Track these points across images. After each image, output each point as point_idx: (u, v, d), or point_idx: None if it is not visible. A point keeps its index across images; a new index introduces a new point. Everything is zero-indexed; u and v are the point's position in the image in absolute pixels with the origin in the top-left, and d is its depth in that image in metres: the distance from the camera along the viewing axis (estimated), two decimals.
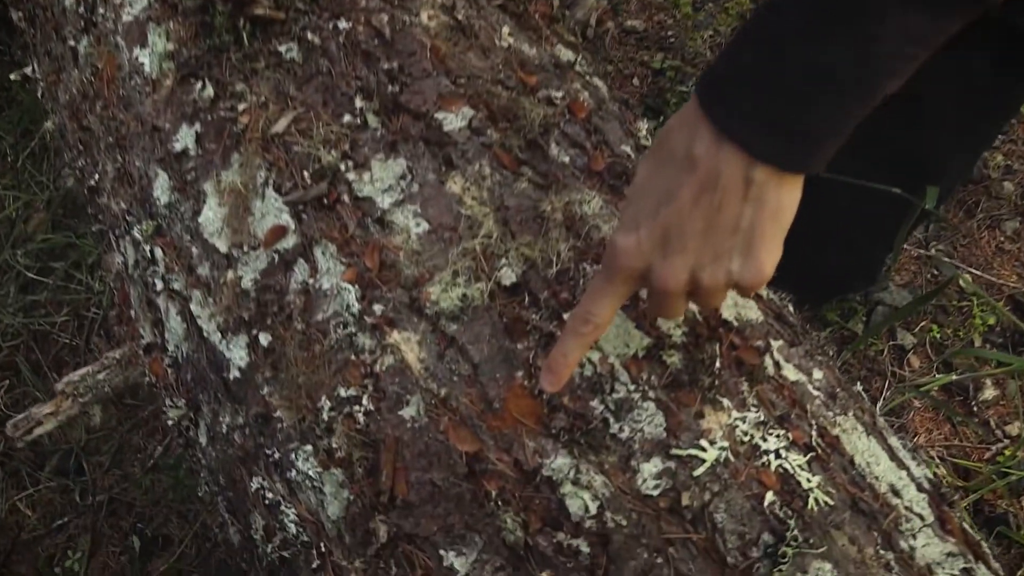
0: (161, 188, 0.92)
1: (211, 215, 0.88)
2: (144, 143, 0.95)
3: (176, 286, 0.91)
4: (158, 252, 0.93)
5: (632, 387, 0.75)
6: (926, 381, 1.51)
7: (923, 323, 1.57)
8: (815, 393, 0.82)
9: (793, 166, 0.55)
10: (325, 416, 0.78)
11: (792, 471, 0.74)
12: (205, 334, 0.88)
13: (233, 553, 1.24)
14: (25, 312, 1.80)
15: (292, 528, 0.81)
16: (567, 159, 0.88)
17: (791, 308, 0.92)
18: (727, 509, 0.72)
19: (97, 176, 1.04)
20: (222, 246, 0.87)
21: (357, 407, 0.77)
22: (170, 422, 0.94)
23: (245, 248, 0.86)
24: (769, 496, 0.72)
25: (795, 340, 0.86)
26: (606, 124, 0.94)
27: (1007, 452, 1.46)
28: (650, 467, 0.72)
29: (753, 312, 0.85)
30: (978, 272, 1.61)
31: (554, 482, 0.72)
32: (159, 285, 0.93)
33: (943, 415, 1.51)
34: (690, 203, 0.59)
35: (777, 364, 0.82)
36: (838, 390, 0.84)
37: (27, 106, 1.94)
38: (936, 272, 1.60)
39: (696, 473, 0.72)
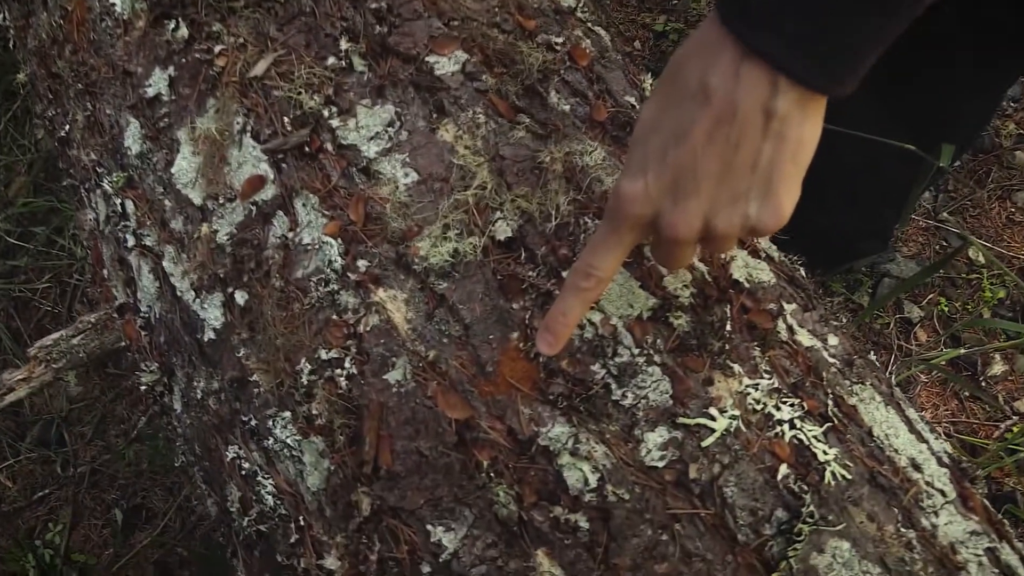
0: (132, 137, 0.85)
1: (185, 165, 0.81)
2: (115, 89, 0.88)
3: (148, 242, 0.84)
4: (129, 206, 0.86)
5: (636, 351, 0.68)
6: (933, 355, 1.45)
7: (931, 296, 1.51)
8: (831, 360, 0.76)
9: (824, 83, 0.49)
10: (305, 380, 0.72)
11: (807, 442, 0.68)
12: (178, 293, 0.81)
13: (212, 526, 1.19)
14: (5, 278, 1.74)
15: (269, 500, 0.75)
16: (567, 108, 0.81)
17: (803, 272, 0.86)
18: (738, 483, 0.66)
19: (67, 127, 0.97)
20: (196, 198, 0.80)
21: (339, 370, 0.71)
22: (143, 388, 0.87)
23: (221, 200, 0.79)
24: (783, 469, 0.66)
25: (809, 304, 0.80)
26: (609, 73, 0.87)
27: (1015, 429, 1.41)
28: (655, 437, 0.66)
29: (765, 273, 0.79)
30: (988, 244, 1.55)
31: (551, 452, 0.66)
32: (131, 241, 0.86)
33: (950, 390, 1.45)
34: (704, 141, 0.53)
35: (791, 329, 0.76)
36: (855, 357, 0.78)
37: (5, 63, 1.86)
38: (945, 243, 1.54)
39: (705, 444, 0.66)
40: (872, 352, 1.38)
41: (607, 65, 0.89)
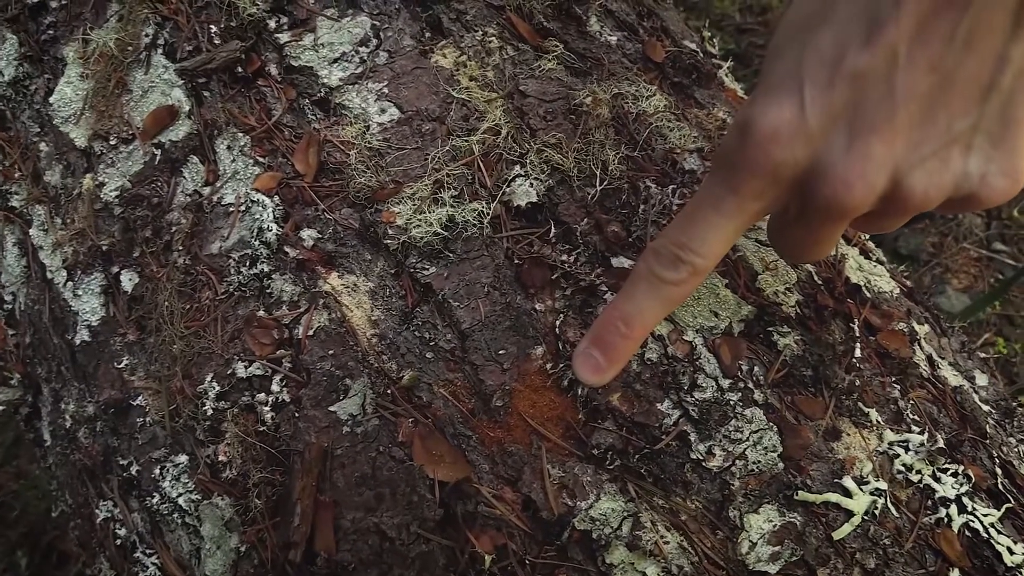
0: (7, 58, 0.58)
1: (68, 92, 0.54)
2: None
3: (15, 202, 0.57)
4: None
5: (725, 382, 0.42)
6: None
7: (986, 335, 1.25)
8: (984, 407, 0.50)
9: None
10: (209, 408, 0.44)
11: (985, 534, 0.42)
12: (48, 274, 0.53)
13: None
14: None
15: None
16: (613, 40, 0.55)
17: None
18: None
19: None
20: (80, 138, 0.53)
21: (262, 395, 0.43)
22: (0, 409, 0.59)
23: (113, 140, 0.52)
24: None
25: (938, 327, 0.54)
26: (664, 12, 0.62)
27: None
28: (761, 522, 0.39)
29: (885, 281, 0.53)
30: None
31: (595, 543, 0.38)
32: None
33: None
34: (911, 36, 0.27)
35: (931, 361, 0.49)
36: (1013, 405, 0.52)
37: None
38: (1000, 275, 1.29)
39: (838, 535, 0.39)
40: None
41: (659, 2, 0.63)
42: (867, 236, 0.58)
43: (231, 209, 0.47)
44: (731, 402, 0.41)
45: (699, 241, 0.33)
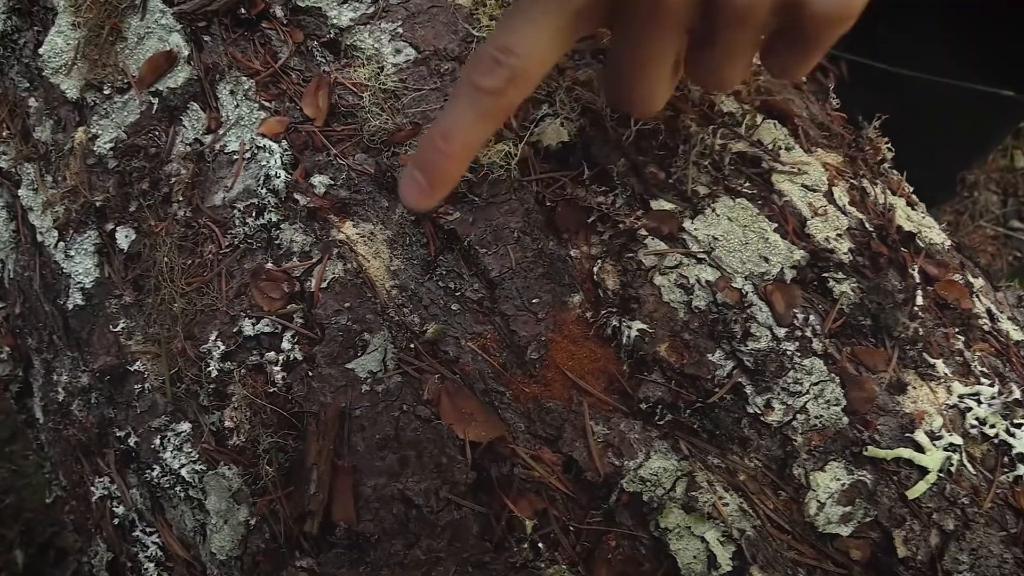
0: None
1: (60, 42, 0.49)
2: None
3: (3, 162, 0.52)
4: None
5: (780, 331, 0.37)
6: None
7: None
8: None
9: None
10: (214, 369, 0.39)
11: None
12: (39, 236, 0.49)
13: None
14: None
15: (152, 571, 0.42)
16: None
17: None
18: (974, 566, 0.34)
19: None
20: (71, 89, 0.48)
21: (272, 354, 0.39)
22: None
23: (107, 90, 0.47)
24: None
25: (992, 283, 0.50)
26: None
27: None
28: (828, 480, 0.35)
29: (936, 233, 0.49)
30: None
31: (645, 506, 0.34)
32: None
33: None
34: None
35: (990, 314, 0.45)
36: None
37: None
38: (1018, 254, 1.25)
39: (912, 494, 0.35)
40: None
41: None
42: (911, 189, 0.53)
43: (235, 157, 0.43)
44: (788, 352, 0.37)
45: (517, 39, 0.29)
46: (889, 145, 0.53)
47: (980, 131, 0.99)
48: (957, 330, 0.42)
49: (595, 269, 0.38)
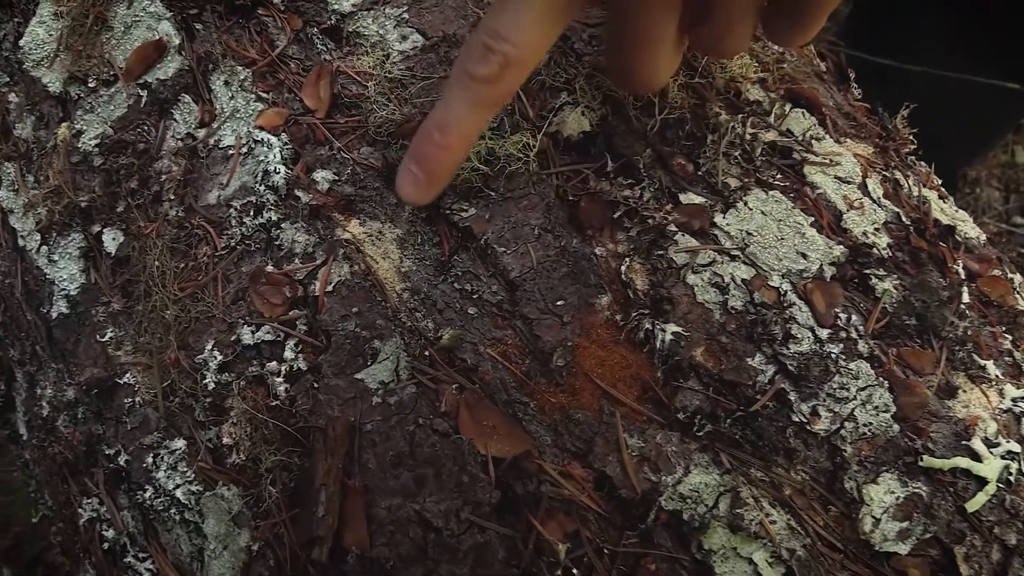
0: None
1: (41, 33, 0.46)
2: None
3: None
4: None
5: (823, 333, 0.35)
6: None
7: None
8: None
9: None
10: (211, 381, 0.36)
11: None
12: (20, 240, 0.45)
13: None
14: None
15: None
16: None
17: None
18: None
19: None
20: (54, 83, 0.45)
21: (274, 364, 0.36)
22: None
23: (92, 83, 0.44)
24: None
25: None
26: None
27: None
28: (881, 494, 0.32)
29: (970, 227, 0.46)
30: None
31: (687, 525, 0.31)
32: None
33: None
34: None
35: None
36: None
37: None
38: (1021, 251, 1.23)
39: (972, 506, 0.32)
40: None
41: None
42: (939, 181, 0.51)
43: (231, 152, 0.40)
44: (832, 355, 0.34)
45: (509, 25, 0.28)
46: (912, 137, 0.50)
47: (982, 127, 0.99)
48: (1004, 329, 0.39)
49: (623, 268, 0.35)
